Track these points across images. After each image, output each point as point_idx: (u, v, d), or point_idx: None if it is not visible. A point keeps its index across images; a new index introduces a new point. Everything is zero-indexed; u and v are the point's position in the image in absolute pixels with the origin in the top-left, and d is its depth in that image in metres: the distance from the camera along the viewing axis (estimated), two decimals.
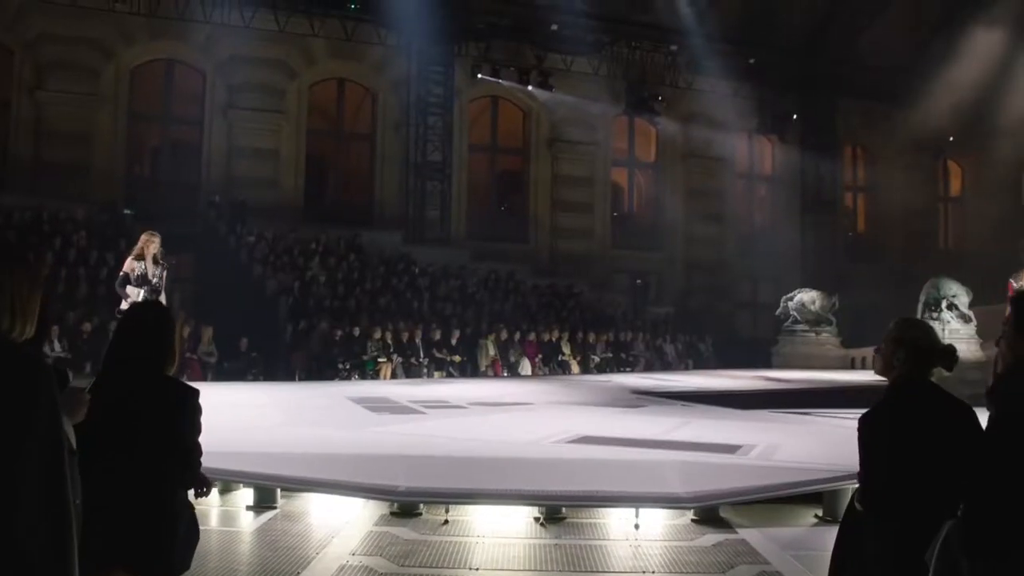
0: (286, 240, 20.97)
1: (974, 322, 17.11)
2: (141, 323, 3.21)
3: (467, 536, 4.96)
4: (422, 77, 24.89)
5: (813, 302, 22.64)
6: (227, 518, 5.56)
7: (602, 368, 20.07)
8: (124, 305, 8.95)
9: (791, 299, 23.02)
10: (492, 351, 18.41)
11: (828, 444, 7.18)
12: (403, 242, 23.82)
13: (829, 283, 30.52)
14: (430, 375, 17.05)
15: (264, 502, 5.68)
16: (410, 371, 16.80)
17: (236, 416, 8.43)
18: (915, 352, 3.01)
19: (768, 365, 22.67)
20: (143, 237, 9.53)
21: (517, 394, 11.93)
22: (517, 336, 19.14)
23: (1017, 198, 37.10)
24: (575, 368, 19.62)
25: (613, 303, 25.86)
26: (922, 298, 17.18)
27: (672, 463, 5.99)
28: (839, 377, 18.08)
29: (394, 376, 16.51)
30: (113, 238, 18.20)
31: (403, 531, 5.00)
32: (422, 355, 17.20)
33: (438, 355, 17.42)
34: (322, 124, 25.74)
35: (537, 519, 5.17)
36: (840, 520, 5.01)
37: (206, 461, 3.05)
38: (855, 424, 6.95)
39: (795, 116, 30.46)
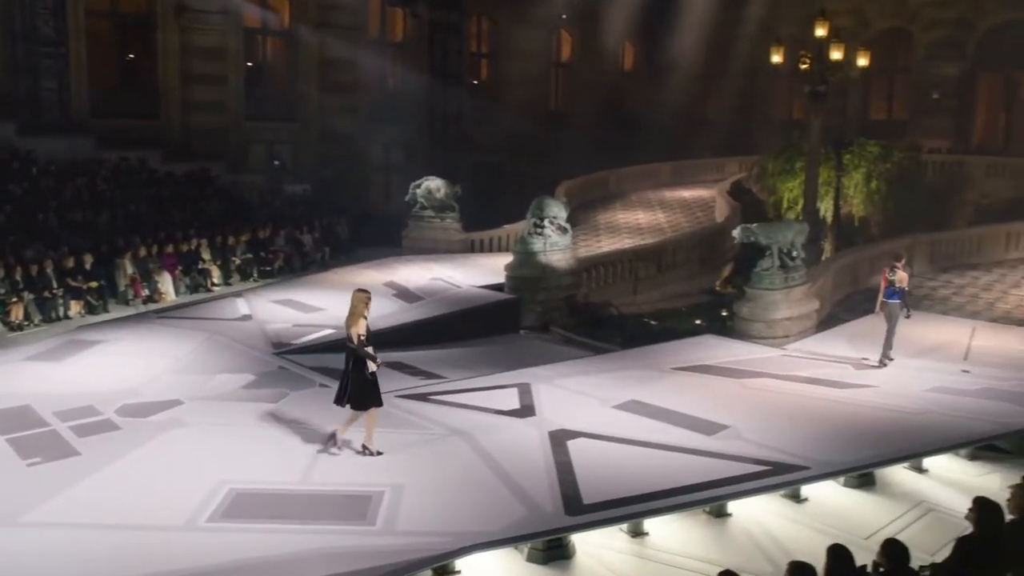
0: None
1: (570, 233, 20.14)
2: None
3: None
4: None
5: (439, 190, 24.49)
6: None
7: (243, 271, 20.86)
8: (372, 367, 9.69)
9: (418, 186, 24.65)
10: (130, 270, 18.42)
11: (448, 490, 8.95)
12: (17, 133, 22.16)
13: (455, 144, 33.02)
14: (67, 308, 16.87)
15: None
16: (44, 306, 16.51)
17: None
18: None
19: (399, 245, 24.63)
20: (362, 296, 9.79)
21: (162, 373, 12.48)
22: (155, 249, 19.25)
23: (617, 65, 41.68)
24: (215, 274, 20.19)
25: (250, 185, 26.26)
26: (529, 216, 19.77)
27: (305, 555, 7.44)
28: (456, 275, 20.21)
29: (27, 316, 16.22)
30: None
31: None
32: (55, 286, 16.93)
33: (73, 284, 17.22)
34: None
35: None
36: None
37: None
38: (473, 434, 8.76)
39: None
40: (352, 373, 9.79)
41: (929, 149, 34.10)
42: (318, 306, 17.10)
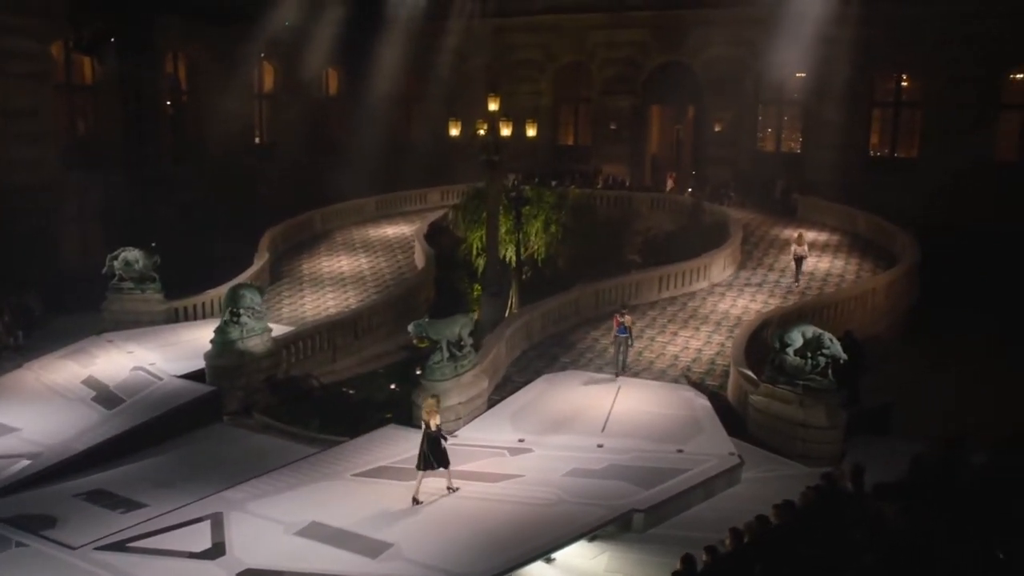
0: None
1: (266, 319, 21.33)
2: None
3: None
4: None
5: (137, 261, 24.58)
6: None
7: None
8: (444, 444, 14.62)
9: (115, 258, 24.64)
10: None
11: None
12: None
13: (156, 185, 32.88)
14: None
15: None
16: None
17: None
18: None
19: (100, 309, 24.47)
20: (435, 401, 14.78)
21: None
22: None
23: (321, 92, 42.74)
24: None
25: None
26: (224, 306, 20.74)
27: None
28: (159, 361, 20.74)
29: None
30: None
31: None
32: None
33: None
34: None
35: None
36: None
37: None
38: None
39: (112, 38, 31.04)
40: (432, 448, 14.33)
41: (604, 184, 38.23)
42: (13, 425, 17.15)
